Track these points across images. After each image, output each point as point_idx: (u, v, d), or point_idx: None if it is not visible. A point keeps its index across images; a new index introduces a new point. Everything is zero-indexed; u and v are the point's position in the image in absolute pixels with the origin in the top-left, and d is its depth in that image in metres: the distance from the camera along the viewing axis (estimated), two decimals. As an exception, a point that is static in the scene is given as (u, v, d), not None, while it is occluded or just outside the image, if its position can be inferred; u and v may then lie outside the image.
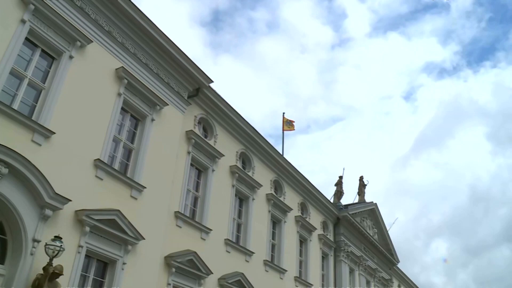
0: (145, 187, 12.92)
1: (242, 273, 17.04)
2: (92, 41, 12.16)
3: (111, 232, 11.52)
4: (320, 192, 25.25)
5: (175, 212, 14.47)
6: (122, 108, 13.15)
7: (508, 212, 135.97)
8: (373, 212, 33.92)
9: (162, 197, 13.75)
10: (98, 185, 11.66)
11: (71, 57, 11.55)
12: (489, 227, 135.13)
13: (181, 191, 15.00)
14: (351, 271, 29.10)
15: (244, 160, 19.42)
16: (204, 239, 15.68)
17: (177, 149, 14.93)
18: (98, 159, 11.67)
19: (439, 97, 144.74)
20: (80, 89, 11.73)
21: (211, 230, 15.94)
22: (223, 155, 17.27)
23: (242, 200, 18.98)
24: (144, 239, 12.30)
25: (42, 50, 11.17)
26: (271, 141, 20.62)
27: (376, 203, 33.96)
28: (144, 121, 13.87)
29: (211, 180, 16.72)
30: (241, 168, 18.71)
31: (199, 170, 16.68)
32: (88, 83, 12.02)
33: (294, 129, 26.76)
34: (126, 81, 13.03)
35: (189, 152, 15.69)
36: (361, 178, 34.39)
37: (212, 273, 15.29)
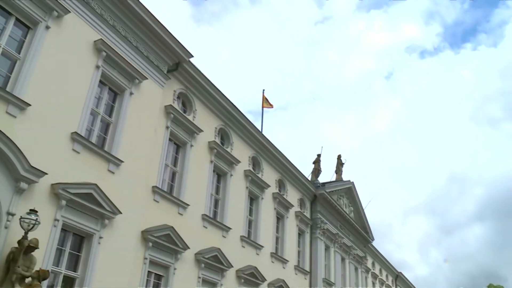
0: (123, 161, 12.81)
1: (219, 249, 17.14)
2: (69, 12, 11.83)
3: (88, 206, 11.43)
4: (298, 170, 25.39)
5: (153, 187, 14.40)
6: (100, 81, 12.92)
7: (482, 192, 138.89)
8: (350, 191, 34.32)
9: (140, 171, 13.65)
10: (75, 158, 11.51)
11: (47, 27, 11.25)
12: (463, 207, 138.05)
13: (159, 166, 14.92)
14: (327, 248, 29.51)
15: (223, 136, 19.37)
16: (182, 214, 15.68)
17: (156, 123, 14.80)
18: (75, 132, 11.50)
19: (420, 77, 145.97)
20: (57, 61, 11.48)
21: (188, 205, 15.93)
22: (202, 131, 17.20)
23: (220, 176, 18.98)
24: (121, 213, 12.24)
25: (17, 19, 10.83)
26: (250, 117, 20.62)
27: (353, 182, 34.37)
28: (123, 94, 13.67)
29: (189, 155, 16.66)
30: (220, 144, 18.66)
31: (178, 145, 16.59)
32: (65, 54, 11.76)
33: (272, 107, 26.72)
34: (104, 53, 12.79)
35: (167, 127, 15.58)
36: (339, 157, 34.66)
37: (189, 248, 15.35)
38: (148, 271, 13.81)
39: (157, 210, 14.48)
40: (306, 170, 28.50)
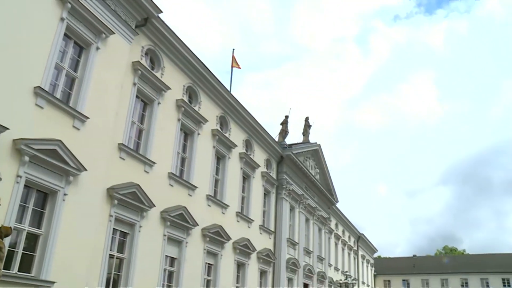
0: (88, 118, 12.53)
1: (185, 207, 17.19)
2: (33, -40, 11.33)
3: (52, 163, 11.22)
4: (266, 130, 25.45)
5: (119, 144, 14.22)
6: (65, 34, 12.45)
7: (446, 157, 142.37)
8: (316, 153, 34.70)
9: (106, 128, 13.42)
10: (38, 114, 11.19)
11: (8, -24, 10.75)
12: (427, 171, 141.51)
13: (125, 123, 14.68)
14: (292, 209, 29.96)
15: (191, 94, 19.15)
16: (148, 172, 15.59)
17: (122, 80, 14.47)
18: (39, 86, 11.13)
19: (391, 42, 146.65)
20: (19, 12, 10.98)
21: (155, 163, 15.84)
22: (170, 88, 16.95)
23: (187, 134, 18.86)
24: (86, 170, 12.07)
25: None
26: (220, 77, 20.39)
27: (319, 144, 34.72)
28: (89, 49, 13.26)
29: (157, 113, 16.44)
30: (188, 102, 18.47)
31: (145, 103, 16.33)
32: (28, 5, 11.25)
33: (239, 68, 26.50)
34: (69, 5, 12.29)
35: (134, 84, 15.27)
36: (306, 119, 34.83)
37: (155, 206, 15.35)
38: (114, 229, 13.77)
39: (123, 167, 14.35)
40: (274, 131, 28.60)
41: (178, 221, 16.86)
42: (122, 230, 14.33)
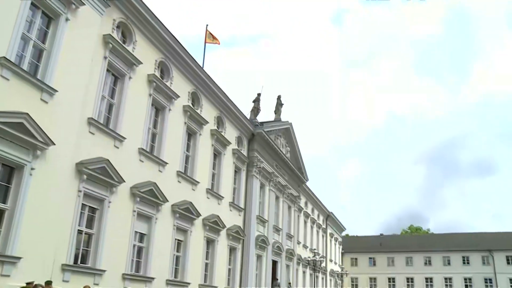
0: (57, 91, 12.24)
1: (155, 183, 17.09)
2: None
3: (19, 136, 10.96)
4: (237, 108, 25.36)
5: (88, 118, 13.96)
6: (32, 4, 12.04)
7: (419, 138, 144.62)
8: (287, 131, 34.79)
9: (75, 102, 13.14)
10: (4, 86, 10.85)
11: None
12: (399, 150, 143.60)
13: (95, 97, 14.40)
14: (262, 186, 30.09)
15: (163, 69, 18.88)
16: (118, 147, 15.41)
17: (93, 53, 14.15)
18: (4, 57, 10.78)
19: (366, 22, 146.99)
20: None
21: (125, 138, 15.65)
22: (141, 63, 16.68)
23: (158, 110, 18.64)
24: (54, 144, 11.85)
25: None
26: (193, 53, 20.11)
27: (291, 123, 34.78)
28: (58, 20, 12.86)
29: (128, 87, 16.18)
30: (159, 77, 18.22)
31: (116, 77, 16.03)
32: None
33: (219, 43, 26.19)
34: (38, -26, 11.93)
35: (105, 57, 14.95)
36: (279, 97, 34.78)
37: (125, 181, 15.22)
38: (82, 204, 13.62)
39: (92, 142, 14.13)
40: (246, 109, 28.49)
41: (148, 197, 16.77)
42: (91, 205, 14.18)
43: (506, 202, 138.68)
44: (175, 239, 19.06)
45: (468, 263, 63.51)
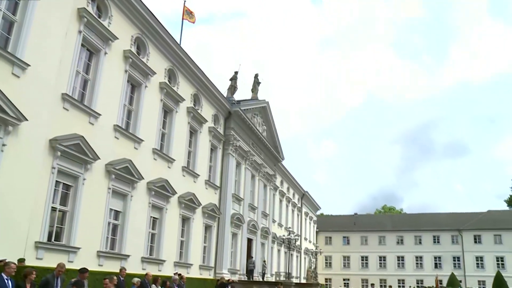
0: (29, 65, 11.90)
1: (130, 160, 16.94)
2: None
3: (-10, 111, 10.70)
4: (214, 85, 25.19)
5: (62, 94, 13.67)
6: (4, -26, 11.70)
7: (396, 118, 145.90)
8: (264, 110, 34.75)
9: (48, 77, 12.80)
10: (-25, 58, 10.57)
11: None
12: (376, 130, 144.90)
13: (69, 72, 14.07)
14: (238, 165, 30.10)
15: (139, 45, 18.58)
16: (93, 124, 15.17)
17: (67, 27, 13.77)
18: (-25, 29, 10.48)
19: (346, 2, 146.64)
20: None
21: (100, 115, 15.41)
22: (117, 38, 16.37)
23: (134, 86, 18.39)
24: (27, 120, 11.57)
25: None
26: (170, 29, 19.82)
27: (268, 102, 34.72)
28: (30, -9, 12.50)
29: (103, 63, 15.88)
30: (135, 53, 17.93)
31: (90, 52, 15.70)
32: None
33: (194, 22, 25.82)
34: None
35: (80, 32, 14.60)
36: (256, 76, 34.67)
37: (100, 158, 15.04)
38: (56, 181, 13.42)
39: (66, 118, 13.87)
40: (223, 87, 28.33)
41: (123, 174, 16.63)
42: (65, 182, 13.98)
43: (476, 183, 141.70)
44: (151, 216, 19.00)
45: (438, 242, 65.08)
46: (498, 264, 61.19)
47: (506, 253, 61.55)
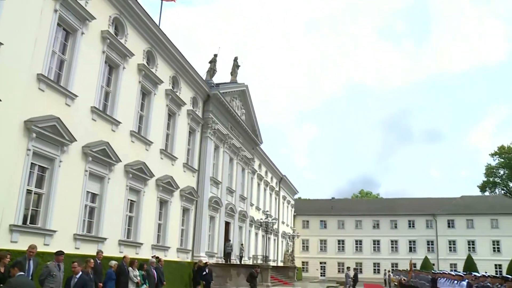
0: (2, 44, 11.55)
1: (108, 143, 16.75)
2: None
3: (-37, 90, 10.41)
4: (193, 68, 24.99)
5: (38, 74, 13.36)
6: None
7: (377, 104, 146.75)
8: (243, 93, 34.64)
9: (23, 56, 12.52)
10: None
11: None
12: (356, 116, 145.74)
13: (45, 52, 13.75)
14: (216, 148, 30.03)
15: (117, 26, 18.27)
16: (69, 105, 14.91)
17: (42, 5, 13.44)
18: None
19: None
20: None
21: (77, 96, 15.14)
22: (95, 18, 16.03)
23: (112, 68, 18.11)
24: (0, 101, 11.30)
25: None
26: (149, 10, 19.53)
27: (247, 85, 34.62)
28: (4, -32, 12.14)
29: (80, 43, 15.56)
30: (113, 34, 17.62)
31: (67, 32, 15.34)
32: None
33: (175, 1, 25.46)
34: None
35: (56, 10, 14.22)
36: (235, 59, 34.46)
37: (76, 140, 14.82)
38: (32, 163, 13.17)
39: (42, 99, 13.59)
40: (202, 70, 28.14)
41: (100, 156, 16.44)
42: (41, 164, 13.73)
43: (451, 169, 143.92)
44: (128, 199, 18.87)
45: (413, 226, 66.29)
46: (469, 247, 62.78)
47: (477, 237, 63.25)
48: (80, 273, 10.81)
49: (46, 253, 12.64)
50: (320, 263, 67.46)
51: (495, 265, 58.87)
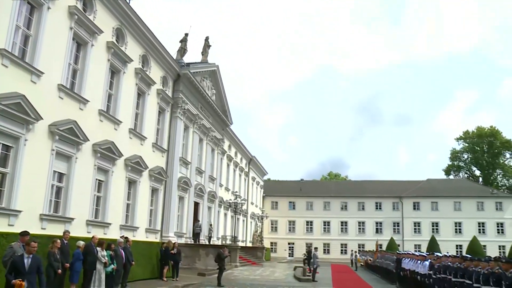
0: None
1: (75, 121, 16.40)
2: None
3: None
4: (164, 47, 24.64)
5: (0, 49, 12.92)
6: None
7: (347, 86, 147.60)
8: (214, 74, 34.39)
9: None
10: None
11: None
12: (328, 97, 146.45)
13: (8, 26, 13.25)
14: (186, 128, 29.84)
15: (85, 2, 17.77)
16: (35, 83, 14.49)
17: (6, -23, 12.99)
18: None
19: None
20: None
21: (43, 73, 14.72)
22: (61, -7, 15.59)
23: (80, 45, 17.67)
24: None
25: None
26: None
27: (218, 65, 34.33)
28: None
29: (46, 19, 15.04)
30: (81, 10, 17.15)
31: (32, 6, 14.80)
32: None
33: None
34: None
35: (21, -16, 13.79)
36: (207, 39, 34.10)
37: (42, 118, 14.44)
38: (-5, 141, 12.83)
39: (5, 75, 13.14)
40: (173, 49, 27.75)
41: (68, 135, 16.10)
42: (5, 143, 13.35)
43: (418, 153, 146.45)
44: (96, 179, 18.61)
45: (380, 208, 67.60)
46: (433, 229, 64.74)
47: (440, 219, 65.45)
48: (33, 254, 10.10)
49: (10, 233, 12.37)
50: (289, 243, 68.15)
51: (456, 245, 61.08)
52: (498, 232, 64.17)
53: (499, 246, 61.07)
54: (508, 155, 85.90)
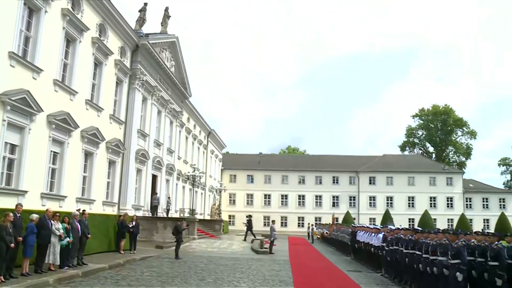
0: None
1: (28, 91, 15.86)
2: None
3: None
4: (122, 16, 24.02)
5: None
6: None
7: (307, 60, 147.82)
8: (173, 45, 33.83)
9: None
10: None
11: None
12: (288, 71, 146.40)
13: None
14: (144, 100, 29.38)
15: (39, -34, 17.07)
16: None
17: None
18: None
19: None
20: None
21: (-7, 40, 14.12)
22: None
23: (32, 11, 16.96)
24: None
25: None
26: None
27: (177, 36, 33.75)
28: None
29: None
30: (34, -26, 16.46)
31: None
32: None
33: None
34: None
35: None
36: (166, 9, 33.39)
37: (-7, 87, 13.91)
38: None
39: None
40: (132, 19, 27.07)
41: (20, 105, 15.56)
42: (-47, 111, 12.86)
43: (376, 129, 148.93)
44: (51, 151, 18.16)
45: (337, 182, 68.85)
46: (387, 203, 66.55)
47: (395, 193, 67.44)
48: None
49: (-40, 205, 11.98)
50: (246, 217, 68.54)
51: (409, 219, 63.15)
52: (448, 206, 66.74)
53: (448, 219, 63.70)
54: (459, 133, 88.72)
